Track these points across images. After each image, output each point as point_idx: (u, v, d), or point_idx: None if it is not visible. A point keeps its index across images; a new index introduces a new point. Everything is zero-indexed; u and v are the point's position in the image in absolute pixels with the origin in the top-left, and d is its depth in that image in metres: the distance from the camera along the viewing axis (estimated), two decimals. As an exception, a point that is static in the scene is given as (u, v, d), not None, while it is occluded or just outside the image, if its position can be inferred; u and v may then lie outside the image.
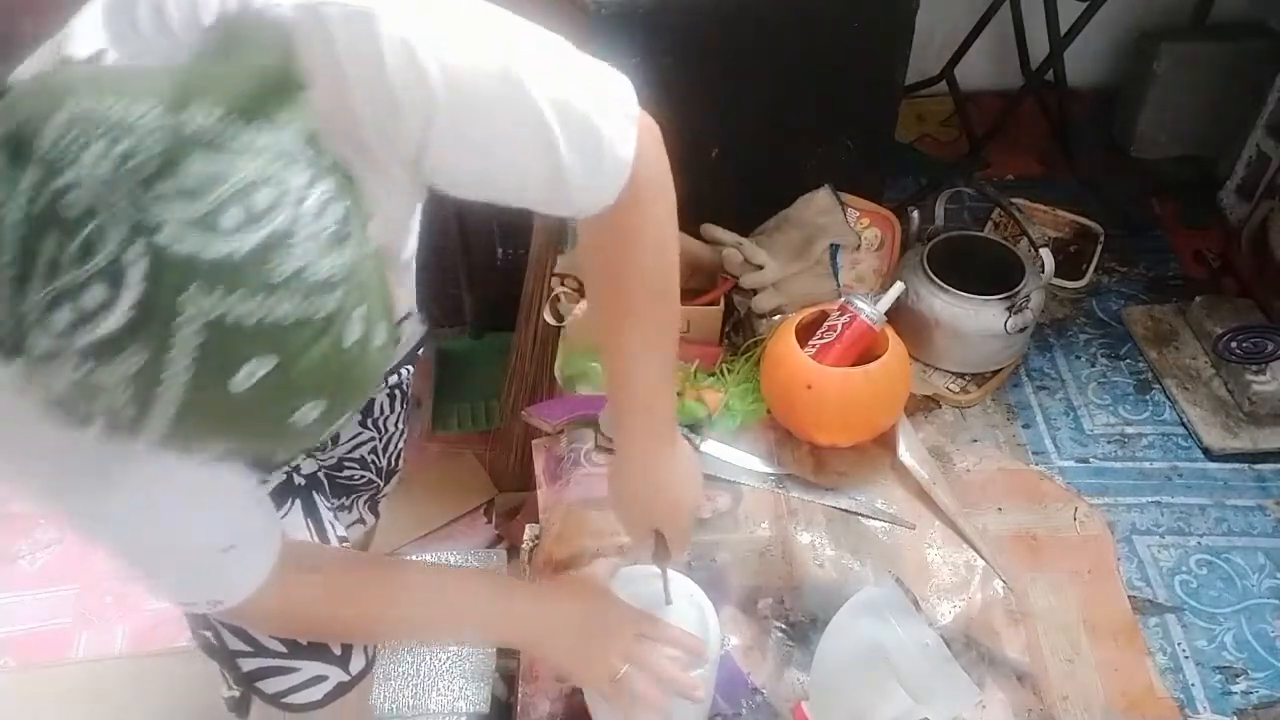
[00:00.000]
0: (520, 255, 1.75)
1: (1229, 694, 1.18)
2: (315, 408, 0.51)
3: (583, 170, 0.74)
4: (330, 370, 0.50)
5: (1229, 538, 1.35)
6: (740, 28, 1.39)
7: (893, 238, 1.57)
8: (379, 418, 1.21)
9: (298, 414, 0.51)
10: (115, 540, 0.76)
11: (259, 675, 0.98)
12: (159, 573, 0.81)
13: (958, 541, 1.26)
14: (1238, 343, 1.48)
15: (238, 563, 0.81)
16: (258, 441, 0.54)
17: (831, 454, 1.37)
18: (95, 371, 0.46)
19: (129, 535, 0.75)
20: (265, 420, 0.51)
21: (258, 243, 0.46)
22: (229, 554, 0.80)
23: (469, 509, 1.88)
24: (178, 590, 0.83)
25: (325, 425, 0.53)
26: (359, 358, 0.52)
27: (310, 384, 0.50)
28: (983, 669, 1.13)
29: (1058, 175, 1.97)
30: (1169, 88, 1.94)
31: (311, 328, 0.48)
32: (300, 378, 0.49)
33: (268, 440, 0.53)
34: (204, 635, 1.00)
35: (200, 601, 0.83)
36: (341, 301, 0.49)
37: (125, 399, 0.47)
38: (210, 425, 0.50)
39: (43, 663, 1.69)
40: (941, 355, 1.48)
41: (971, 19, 1.91)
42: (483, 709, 1.42)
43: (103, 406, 0.48)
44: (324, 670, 0.98)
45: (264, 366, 0.47)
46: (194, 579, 0.81)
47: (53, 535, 1.85)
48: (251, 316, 0.46)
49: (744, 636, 1.16)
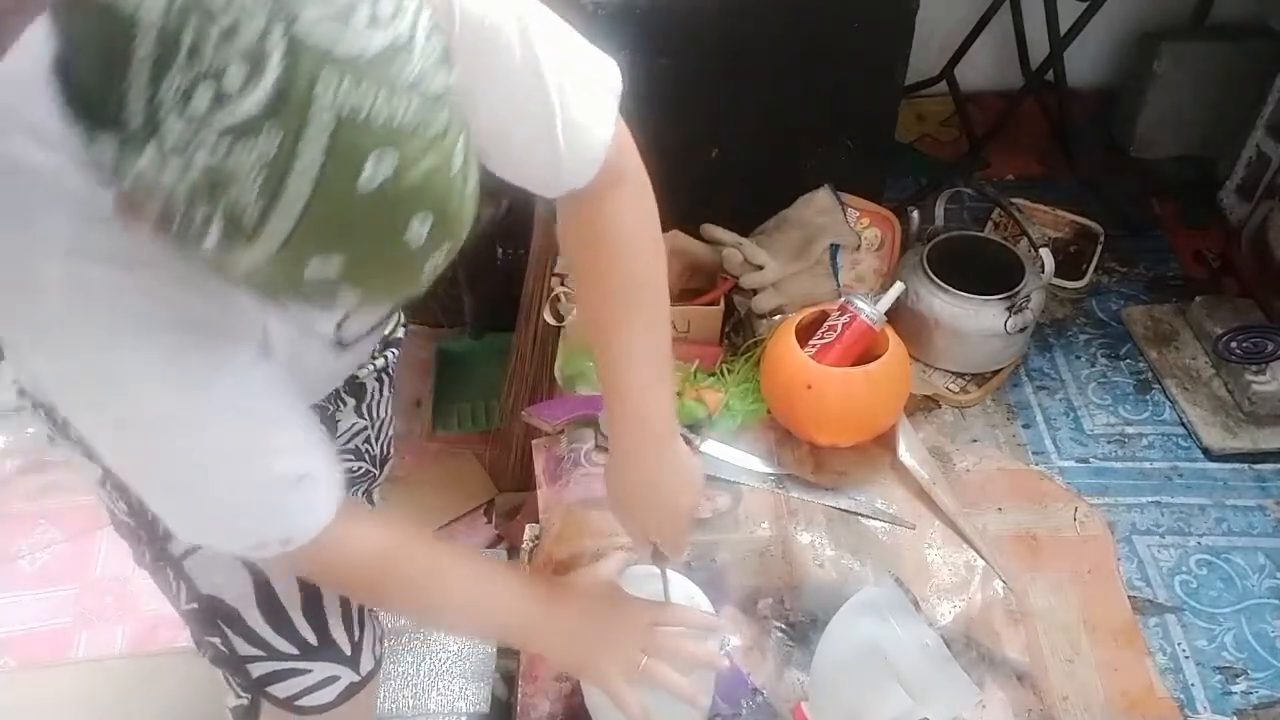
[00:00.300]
0: (520, 255, 1.75)
1: (1229, 694, 1.18)
2: (424, 224, 0.53)
3: (567, 143, 0.75)
4: (439, 188, 0.53)
5: (1229, 538, 1.35)
6: (740, 28, 1.39)
7: (893, 238, 1.57)
8: (371, 403, 1.21)
9: (410, 228, 0.52)
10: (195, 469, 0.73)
11: (270, 680, 0.98)
12: (235, 507, 0.77)
13: (958, 541, 1.26)
14: (1238, 343, 1.48)
15: (308, 494, 0.78)
16: (371, 262, 0.54)
17: (831, 454, 1.37)
18: (230, 154, 0.48)
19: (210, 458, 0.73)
20: (380, 230, 0.52)
21: (384, 44, 0.49)
22: (302, 483, 0.77)
23: (469, 509, 1.88)
24: (254, 528, 0.78)
25: (428, 255, 0.55)
26: (461, 189, 0.54)
27: (423, 196, 0.52)
28: (983, 669, 1.13)
29: (1058, 175, 1.97)
30: (1169, 88, 1.94)
31: (426, 137, 0.51)
32: (415, 185, 0.51)
33: (380, 262, 0.54)
34: (211, 643, 0.99)
35: (273, 540, 0.78)
36: (449, 122, 0.52)
37: (254, 189, 0.48)
38: (330, 230, 0.51)
39: (43, 663, 1.69)
40: (941, 355, 1.48)
41: (971, 19, 1.91)
42: (483, 709, 1.43)
43: (229, 203, 0.49)
44: (336, 670, 0.98)
45: (386, 166, 0.50)
46: (269, 512, 0.77)
47: (53, 535, 1.86)
48: (378, 114, 0.49)
49: (744, 636, 1.16)
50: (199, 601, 0.98)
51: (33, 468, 1.95)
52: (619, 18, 1.32)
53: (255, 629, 0.97)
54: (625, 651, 0.92)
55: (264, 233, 0.50)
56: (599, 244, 0.88)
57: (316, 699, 0.97)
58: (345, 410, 1.16)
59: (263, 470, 0.74)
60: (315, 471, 0.77)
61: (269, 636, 0.97)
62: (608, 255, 0.89)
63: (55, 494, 1.90)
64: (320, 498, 0.78)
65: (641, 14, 1.33)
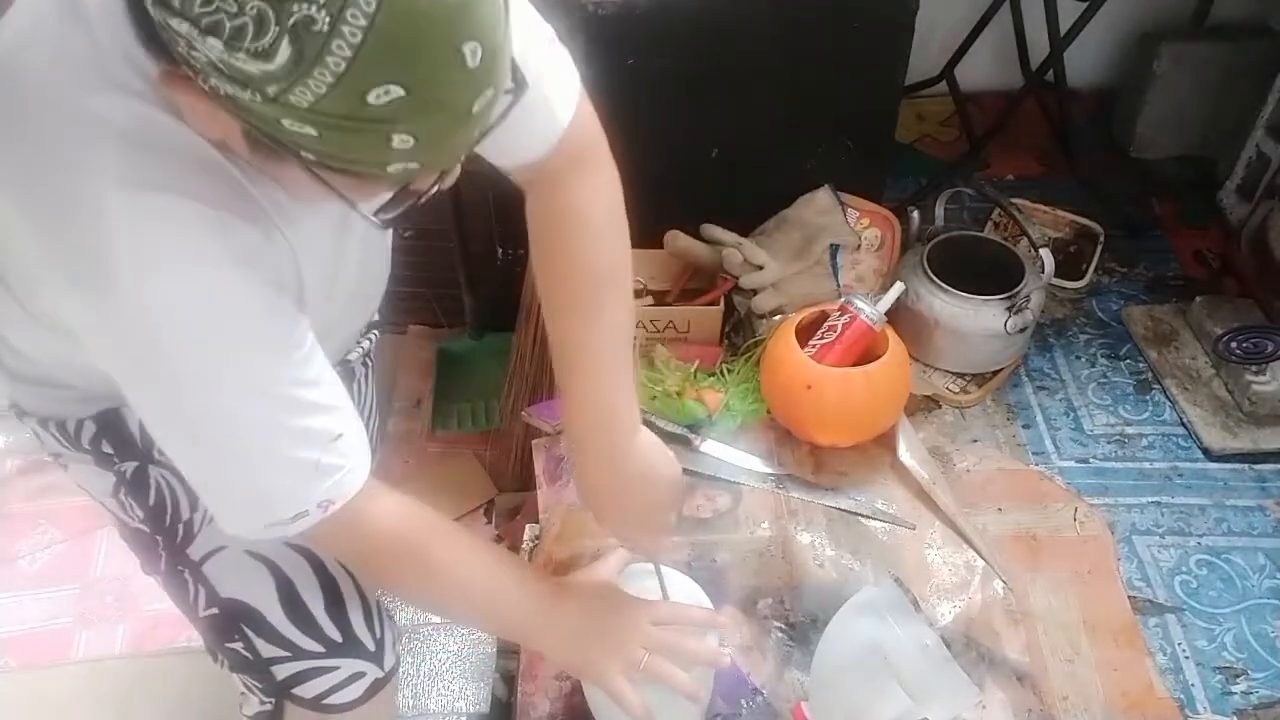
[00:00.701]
0: (520, 255, 1.75)
1: (1229, 694, 1.18)
2: (475, 55, 0.54)
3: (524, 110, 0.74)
4: (487, 10, 0.54)
5: (1229, 538, 1.35)
6: (740, 28, 1.39)
7: (893, 238, 1.57)
8: (358, 390, 1.20)
9: (465, 55, 0.53)
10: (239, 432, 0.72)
11: (296, 680, 0.97)
12: (277, 468, 0.74)
13: (958, 541, 1.26)
14: (1238, 343, 1.48)
15: (345, 455, 0.76)
16: (429, 94, 0.54)
17: (831, 454, 1.37)
18: None
19: (253, 421, 0.71)
20: (444, 46, 0.53)
21: None
22: (338, 442, 0.75)
23: (469, 509, 1.88)
24: (291, 493, 0.75)
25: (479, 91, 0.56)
26: (504, 17, 0.56)
27: (475, 13, 0.53)
28: (983, 669, 1.13)
29: (1058, 175, 1.97)
30: (1169, 88, 1.94)
31: None
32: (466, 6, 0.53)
33: (437, 93, 0.54)
34: (232, 649, 0.99)
35: (312, 505, 0.76)
36: None
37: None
38: (393, 49, 0.51)
39: (43, 663, 1.68)
40: (941, 355, 1.48)
41: (971, 19, 1.91)
42: (483, 709, 1.43)
43: (299, 13, 0.49)
44: (362, 667, 0.98)
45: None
46: (306, 471, 0.74)
47: (53, 535, 1.86)
48: None
49: (744, 636, 1.16)
50: (219, 606, 0.97)
51: (33, 468, 1.95)
52: (619, 19, 1.32)
53: (279, 629, 0.97)
54: (626, 650, 0.92)
55: (333, 47, 0.50)
56: (562, 228, 0.87)
57: (344, 696, 0.97)
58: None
59: (306, 426, 0.73)
60: (349, 432, 0.76)
61: (294, 636, 0.96)
62: (571, 240, 0.88)
63: (55, 494, 1.90)
64: (356, 460, 0.77)
65: (642, 15, 1.33)
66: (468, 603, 0.92)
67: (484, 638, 1.51)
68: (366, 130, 0.54)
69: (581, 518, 1.27)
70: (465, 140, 0.60)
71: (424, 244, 1.97)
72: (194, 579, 0.97)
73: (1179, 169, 2.00)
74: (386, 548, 0.84)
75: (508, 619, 0.95)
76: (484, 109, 0.58)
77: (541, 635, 0.95)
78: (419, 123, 0.55)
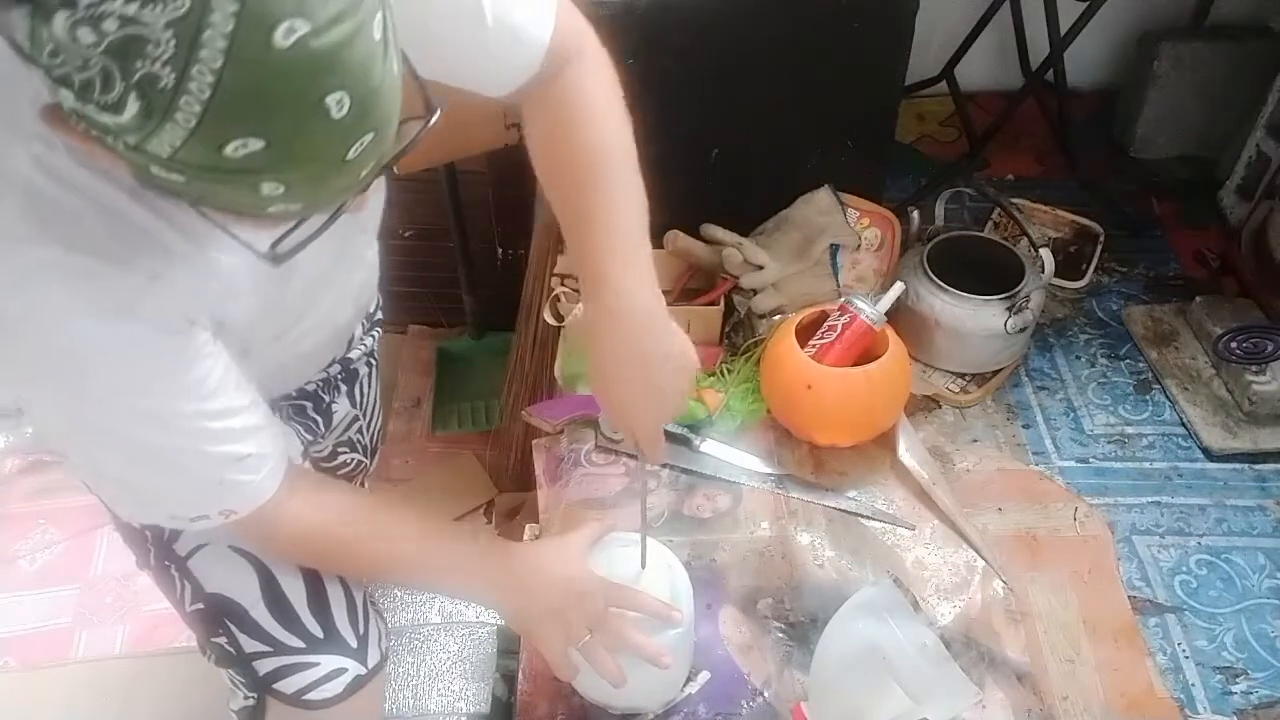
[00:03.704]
0: (520, 255, 1.75)
1: (1229, 694, 1.18)
2: (342, 104, 0.52)
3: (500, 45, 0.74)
4: (355, 64, 0.52)
5: (1229, 538, 1.35)
6: (740, 28, 1.39)
7: (893, 238, 1.57)
8: (363, 392, 1.22)
9: (328, 106, 0.52)
10: (126, 445, 0.75)
11: (276, 676, 0.98)
12: (167, 485, 0.80)
13: (958, 541, 1.26)
14: (1238, 343, 1.48)
15: (251, 474, 0.81)
16: (291, 144, 0.53)
17: (831, 454, 1.37)
18: (140, 15, 0.47)
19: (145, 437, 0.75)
20: (297, 104, 0.51)
21: None
22: (244, 462, 0.80)
23: (469, 509, 1.88)
24: (191, 501, 0.81)
25: (350, 139, 0.54)
26: (380, 71, 0.54)
27: (338, 69, 0.51)
28: (983, 669, 1.13)
29: (1058, 175, 1.96)
30: (1169, 88, 1.94)
31: (338, 6, 0.50)
32: (328, 56, 0.50)
33: (300, 143, 0.53)
34: (217, 644, 1.00)
35: (213, 512, 0.82)
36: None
37: (167, 53, 0.48)
38: (246, 102, 0.50)
39: (43, 663, 1.69)
40: (941, 355, 1.48)
41: (971, 19, 1.91)
42: (483, 709, 1.43)
43: (143, 70, 0.48)
44: (343, 663, 0.99)
45: (298, 33, 0.49)
46: (204, 489, 0.80)
47: (53, 535, 1.86)
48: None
49: (744, 636, 1.16)
50: (204, 601, 0.98)
51: (33, 468, 1.95)
52: (619, 18, 1.32)
53: (262, 624, 0.97)
54: (571, 627, 0.95)
55: (180, 103, 0.49)
56: (557, 120, 0.85)
57: (324, 692, 0.98)
58: (340, 398, 1.16)
59: (207, 451, 0.78)
60: (259, 451, 0.81)
61: (275, 631, 0.97)
62: (567, 126, 0.85)
63: (55, 494, 1.90)
64: (263, 476, 0.82)
65: (642, 15, 1.33)
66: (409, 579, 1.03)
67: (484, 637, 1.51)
68: (232, 180, 0.53)
69: (582, 517, 1.27)
70: (347, 183, 0.58)
71: (424, 244, 1.98)
72: (180, 574, 0.98)
73: (1179, 169, 2.00)
74: (303, 545, 0.91)
75: (454, 589, 1.03)
76: (364, 152, 0.56)
77: (492, 601, 1.01)
78: (287, 173, 0.54)
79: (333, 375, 1.14)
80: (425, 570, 0.99)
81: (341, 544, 0.93)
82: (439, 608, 1.51)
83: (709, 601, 1.19)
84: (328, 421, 1.17)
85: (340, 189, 0.58)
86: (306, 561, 0.98)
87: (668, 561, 1.05)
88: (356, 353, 1.15)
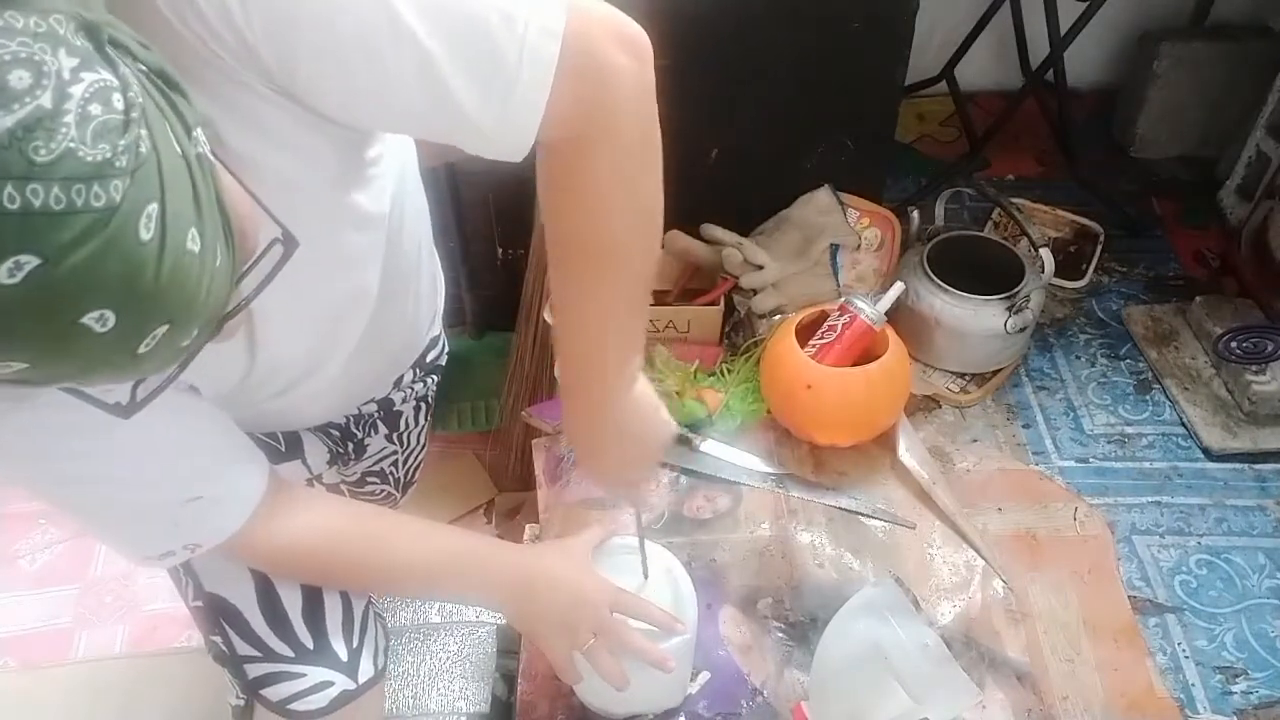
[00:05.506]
0: (520, 255, 1.75)
1: (1229, 694, 1.18)
2: (105, 321, 0.46)
3: (482, 100, 0.63)
4: (114, 272, 0.45)
5: (1229, 538, 1.35)
6: (740, 28, 1.39)
7: (893, 238, 1.57)
8: (404, 431, 1.21)
9: (86, 328, 0.46)
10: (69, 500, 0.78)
11: (264, 682, 0.97)
12: (119, 531, 0.82)
13: (958, 541, 1.26)
14: (1238, 343, 1.48)
15: (210, 509, 0.82)
16: (53, 364, 0.48)
17: (831, 454, 1.37)
18: None
19: (83, 493, 0.77)
20: (45, 334, 0.45)
21: (13, 124, 0.41)
22: (196, 504, 0.81)
23: (469, 509, 1.88)
24: (143, 544, 0.83)
25: (129, 345, 0.48)
26: (155, 264, 0.46)
27: (90, 285, 0.45)
28: (983, 669, 1.13)
29: (1058, 175, 1.97)
30: (1169, 88, 1.95)
31: (78, 226, 0.43)
32: (75, 277, 0.44)
33: (64, 363, 0.48)
34: (214, 642, 1.00)
35: (176, 549, 0.83)
36: (120, 198, 0.44)
37: None
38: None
39: (43, 663, 1.68)
40: (941, 355, 1.48)
41: (971, 19, 1.91)
42: (483, 709, 1.42)
43: None
44: (330, 676, 0.98)
45: (28, 261, 0.42)
46: (159, 532, 0.82)
47: (53, 535, 1.86)
48: (12, 200, 0.41)
49: (744, 636, 1.16)
50: (204, 599, 0.98)
51: (33, 468, 1.95)
52: (619, 18, 1.32)
53: (255, 629, 0.97)
54: (574, 631, 0.95)
55: None
56: (560, 190, 0.76)
57: (309, 704, 0.97)
58: (375, 436, 1.16)
59: (159, 496, 0.80)
60: (213, 490, 0.82)
61: (266, 637, 0.97)
62: (570, 205, 0.77)
63: (55, 494, 1.90)
64: (222, 512, 0.84)
65: (641, 15, 1.33)
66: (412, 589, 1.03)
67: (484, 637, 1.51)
68: (23, 383, 0.48)
69: (582, 517, 1.27)
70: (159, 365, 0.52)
71: (424, 244, 1.97)
72: (184, 569, 0.98)
73: (1179, 169, 2.01)
74: (300, 564, 0.93)
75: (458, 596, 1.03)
76: (163, 340, 0.50)
77: (495, 604, 1.01)
78: (69, 381, 0.50)
79: (367, 413, 1.12)
80: (427, 581, 0.99)
81: (331, 562, 0.93)
82: (439, 607, 1.51)
83: (709, 601, 1.19)
84: (359, 452, 1.16)
85: (161, 364, 0.52)
86: (299, 579, 0.98)
87: (668, 566, 1.05)
88: (401, 395, 1.13)
